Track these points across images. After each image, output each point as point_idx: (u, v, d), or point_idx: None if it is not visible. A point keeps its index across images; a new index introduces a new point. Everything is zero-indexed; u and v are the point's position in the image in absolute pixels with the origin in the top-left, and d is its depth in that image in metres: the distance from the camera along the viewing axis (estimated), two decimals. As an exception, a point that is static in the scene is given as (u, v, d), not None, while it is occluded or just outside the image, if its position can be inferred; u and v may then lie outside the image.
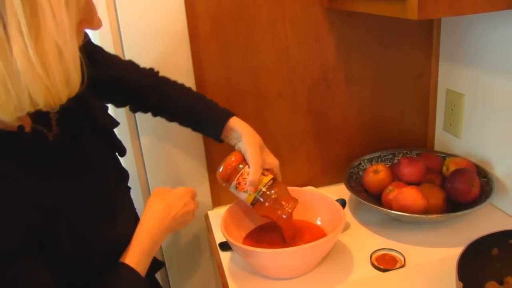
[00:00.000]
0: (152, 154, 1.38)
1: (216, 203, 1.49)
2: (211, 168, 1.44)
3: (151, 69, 1.22)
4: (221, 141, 1.21)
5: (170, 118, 1.24)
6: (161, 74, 1.23)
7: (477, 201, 1.26)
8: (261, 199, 1.14)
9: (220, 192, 1.48)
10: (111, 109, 1.17)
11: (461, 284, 0.83)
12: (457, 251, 0.92)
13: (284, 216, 1.15)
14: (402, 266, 1.15)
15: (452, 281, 0.86)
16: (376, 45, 1.46)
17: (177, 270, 1.54)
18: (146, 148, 1.37)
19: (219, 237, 1.30)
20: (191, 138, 1.39)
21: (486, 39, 1.29)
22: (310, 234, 1.22)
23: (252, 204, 1.15)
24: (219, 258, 1.25)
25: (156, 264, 1.21)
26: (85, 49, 0.74)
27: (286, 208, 1.15)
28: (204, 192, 1.46)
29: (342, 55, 1.44)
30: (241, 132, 1.16)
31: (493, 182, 1.29)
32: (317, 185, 1.50)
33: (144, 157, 1.38)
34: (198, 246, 1.53)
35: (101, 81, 1.09)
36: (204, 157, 1.42)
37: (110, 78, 1.12)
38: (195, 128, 1.24)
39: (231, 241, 1.07)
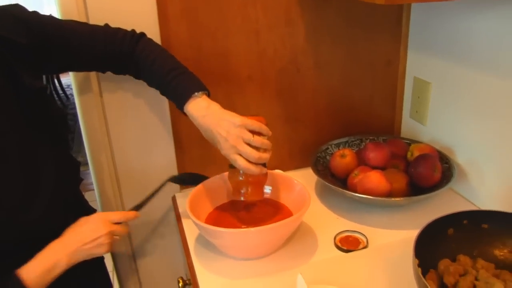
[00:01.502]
0: (119, 137, 1.38)
1: (183, 186, 1.49)
2: (179, 151, 1.45)
3: (128, 34, 1.17)
4: None
5: (148, 85, 1.23)
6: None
7: (438, 185, 1.30)
8: (237, 170, 1.14)
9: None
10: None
11: (416, 261, 0.85)
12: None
13: (235, 198, 1.18)
14: (365, 247, 1.18)
15: (411, 261, 0.89)
16: (346, 31, 1.48)
17: (145, 252, 1.54)
18: (113, 131, 1.36)
19: (186, 219, 1.31)
20: (159, 118, 1.39)
21: (454, 28, 1.32)
22: (280, 215, 1.24)
23: (231, 166, 1.15)
24: (185, 239, 1.26)
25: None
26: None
27: (243, 196, 1.17)
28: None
29: (312, 40, 1.45)
30: (196, 126, 1.15)
31: (454, 168, 1.33)
32: (285, 168, 1.51)
33: (112, 140, 1.37)
34: (166, 228, 1.53)
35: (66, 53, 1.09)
36: (172, 141, 1.42)
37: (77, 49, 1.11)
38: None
39: (196, 221, 1.08)
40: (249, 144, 1.08)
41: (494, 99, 1.20)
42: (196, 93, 1.12)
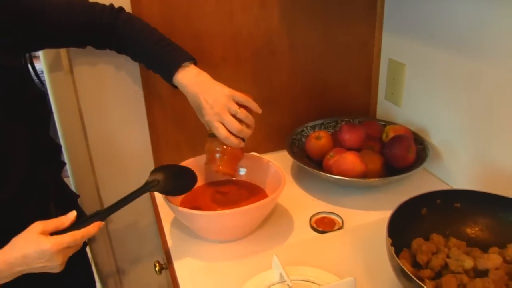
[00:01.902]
0: (93, 121, 1.36)
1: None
2: (154, 133, 1.43)
3: (107, 7, 1.16)
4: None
5: (132, 59, 1.22)
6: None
7: (413, 166, 1.31)
8: (217, 138, 1.13)
9: (163, 157, 1.47)
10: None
11: (390, 240, 0.86)
12: (392, 213, 0.96)
13: (209, 166, 1.16)
14: (340, 228, 1.19)
15: (385, 240, 0.89)
16: (321, 13, 1.47)
17: (121, 237, 1.54)
18: (86, 110, 1.34)
19: (161, 203, 1.30)
20: (133, 101, 1.37)
21: (427, 10, 1.32)
22: (255, 197, 1.23)
23: (210, 134, 1.15)
24: (161, 223, 1.25)
25: None
26: None
27: (217, 166, 1.15)
28: (146, 158, 1.45)
29: (287, 22, 1.44)
30: (185, 94, 1.15)
31: (429, 149, 1.34)
32: (260, 151, 1.51)
33: (86, 125, 1.35)
34: (142, 212, 1.52)
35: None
36: (146, 121, 1.41)
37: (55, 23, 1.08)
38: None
39: (170, 204, 1.07)
40: (233, 116, 1.09)
41: (467, 81, 1.21)
42: (185, 63, 1.13)
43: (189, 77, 1.13)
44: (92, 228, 0.91)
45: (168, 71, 1.14)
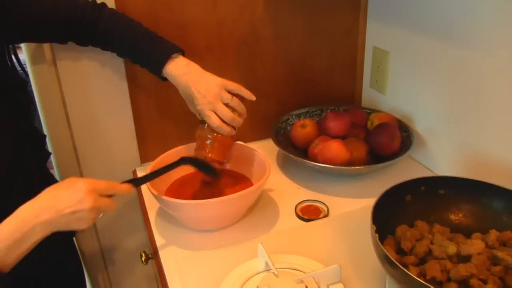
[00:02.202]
0: (77, 111, 1.34)
1: (144, 159, 1.47)
2: (138, 123, 1.42)
3: (90, 3, 1.16)
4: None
5: (118, 54, 1.23)
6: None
7: (398, 154, 1.31)
8: (208, 126, 1.14)
9: (148, 147, 1.46)
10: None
11: (374, 227, 0.86)
12: (377, 200, 0.96)
13: (200, 153, 1.16)
14: (326, 216, 1.19)
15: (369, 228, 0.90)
16: (305, 1, 1.46)
17: (107, 228, 1.53)
18: (71, 106, 1.33)
19: (147, 193, 1.29)
20: (117, 91, 1.36)
21: (410, -3, 1.32)
22: (240, 186, 1.23)
23: (202, 122, 1.16)
24: (146, 213, 1.25)
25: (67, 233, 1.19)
26: None
27: (206, 153, 1.15)
28: (131, 148, 1.44)
29: (271, 9, 1.43)
30: (175, 85, 1.16)
31: (413, 136, 1.35)
32: (246, 140, 1.51)
33: (70, 115, 1.34)
34: (128, 202, 1.52)
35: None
36: (130, 111, 1.39)
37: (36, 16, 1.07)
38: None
39: (155, 193, 1.06)
40: (226, 104, 1.11)
41: (451, 68, 1.22)
42: (174, 54, 1.14)
43: (179, 68, 1.14)
44: (125, 187, 0.94)
45: (157, 64, 1.15)
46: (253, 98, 1.16)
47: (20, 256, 0.80)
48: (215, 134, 1.14)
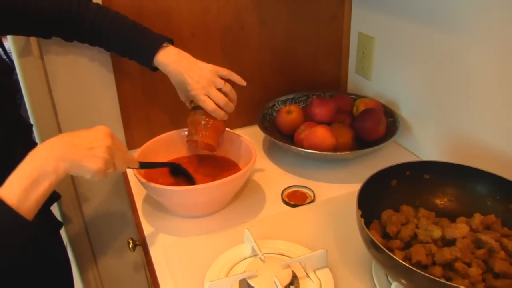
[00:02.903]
0: (63, 100, 1.34)
1: (130, 146, 1.46)
2: (124, 110, 1.42)
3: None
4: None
5: (105, 48, 1.24)
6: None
7: (383, 139, 1.32)
8: (200, 111, 1.16)
9: (134, 134, 1.45)
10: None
11: (359, 212, 0.87)
12: (363, 186, 0.97)
13: (192, 137, 1.17)
14: (312, 201, 1.20)
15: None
16: (290, -14, 1.46)
17: (95, 216, 1.53)
18: (57, 95, 1.32)
19: (134, 180, 1.29)
20: (103, 80, 1.35)
21: (395, -18, 1.32)
22: (229, 172, 1.23)
23: (194, 108, 1.18)
24: (133, 199, 1.24)
25: (54, 225, 1.18)
26: None
27: (199, 137, 1.16)
28: (117, 135, 1.41)
29: (255, -4, 1.42)
30: (167, 74, 1.17)
31: (399, 121, 1.35)
32: (232, 126, 1.50)
33: (56, 104, 1.33)
34: (115, 189, 1.51)
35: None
36: (116, 98, 1.39)
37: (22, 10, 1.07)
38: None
39: (141, 179, 1.06)
40: (219, 90, 1.15)
41: (435, 54, 1.22)
42: (164, 44, 1.16)
43: (170, 56, 1.16)
44: (133, 158, 0.98)
45: (147, 54, 1.16)
46: (244, 83, 1.20)
47: (38, 201, 0.77)
48: (207, 119, 1.16)
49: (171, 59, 1.15)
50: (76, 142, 0.81)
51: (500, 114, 1.07)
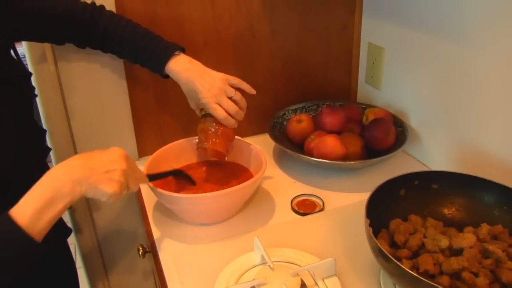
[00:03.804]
0: (76, 107, 1.35)
1: (142, 153, 1.48)
2: (136, 118, 1.43)
3: (89, 4, 1.18)
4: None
5: (117, 55, 1.25)
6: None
7: (392, 148, 1.33)
8: (211, 119, 1.18)
9: (146, 141, 1.47)
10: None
11: (368, 221, 0.88)
12: (372, 194, 0.98)
13: (202, 145, 1.19)
14: (321, 210, 1.21)
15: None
16: (301, -4, 1.48)
17: (105, 222, 1.54)
18: (70, 101, 1.34)
19: (144, 187, 1.30)
20: (116, 88, 1.37)
21: (405, -7, 1.33)
22: (240, 179, 1.25)
23: (204, 116, 1.20)
24: (144, 206, 1.26)
25: (63, 232, 1.19)
26: None
27: (209, 144, 1.17)
28: (129, 143, 1.45)
29: (267, 5, 1.44)
30: (178, 82, 1.19)
31: (408, 131, 1.36)
32: (243, 134, 1.51)
33: (69, 111, 1.35)
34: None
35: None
36: (129, 105, 1.40)
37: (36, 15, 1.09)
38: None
39: (152, 186, 1.07)
40: (230, 99, 1.16)
41: (445, 64, 1.23)
42: (176, 52, 1.18)
43: (182, 64, 1.17)
44: (144, 175, 1.01)
45: (159, 62, 1.18)
46: (253, 92, 1.21)
47: (50, 223, 0.77)
48: (217, 127, 1.18)
49: (182, 67, 1.17)
50: (93, 165, 0.83)
51: (509, 124, 1.07)
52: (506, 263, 0.82)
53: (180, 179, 1.23)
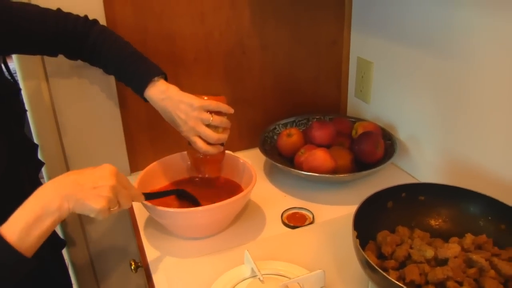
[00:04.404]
0: (67, 122, 1.36)
1: (134, 168, 1.49)
2: (128, 131, 1.45)
3: (81, 18, 1.18)
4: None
5: (104, 71, 1.23)
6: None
7: (381, 161, 1.35)
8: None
9: (138, 157, 1.48)
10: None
11: (355, 233, 0.89)
12: (362, 207, 0.99)
13: (197, 174, 1.21)
14: (311, 223, 1.22)
15: (351, 233, 0.93)
16: (290, 12, 1.50)
17: (97, 238, 1.54)
18: (62, 117, 1.35)
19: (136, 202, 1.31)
20: (107, 103, 1.38)
21: (394, 10, 1.36)
22: (232, 194, 1.25)
23: (189, 143, 1.19)
24: (136, 221, 1.27)
25: (57, 244, 1.20)
26: None
27: (201, 174, 1.21)
28: (121, 158, 1.46)
29: (257, 21, 1.46)
30: (156, 109, 1.18)
31: (396, 144, 1.38)
32: (234, 149, 1.54)
33: (60, 126, 1.36)
34: (118, 212, 1.53)
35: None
36: (120, 120, 1.42)
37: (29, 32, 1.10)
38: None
39: (143, 201, 1.08)
40: (208, 125, 1.13)
41: (432, 78, 1.25)
42: (155, 78, 1.15)
43: (159, 93, 1.15)
44: (138, 193, 1.00)
45: (138, 85, 1.16)
46: (231, 111, 1.18)
47: (39, 238, 0.79)
48: (205, 155, 1.19)
49: (158, 96, 1.14)
50: (82, 182, 0.84)
51: (495, 137, 1.10)
52: (489, 271, 0.84)
53: (183, 199, 1.23)
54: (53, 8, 1.15)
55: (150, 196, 1.08)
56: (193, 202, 1.22)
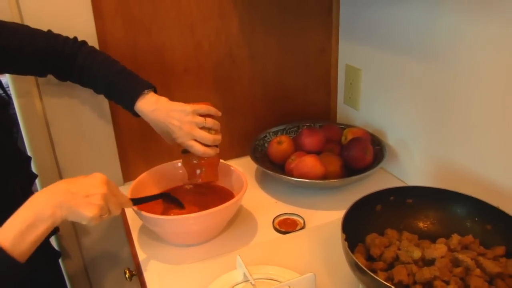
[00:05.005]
0: (60, 134, 1.37)
1: (126, 178, 1.51)
2: (120, 142, 1.46)
3: (70, 39, 1.19)
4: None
5: (94, 91, 1.24)
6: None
7: (370, 167, 1.37)
8: (192, 154, 1.18)
9: (130, 167, 1.50)
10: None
11: (344, 236, 0.91)
12: (352, 212, 1.01)
13: (196, 181, 1.22)
14: (302, 228, 1.23)
15: (340, 236, 0.95)
16: (279, 21, 1.53)
17: (91, 247, 1.55)
18: (55, 128, 1.36)
19: (129, 210, 1.32)
20: (99, 114, 1.39)
21: (380, 18, 1.39)
22: (224, 201, 1.26)
23: (184, 152, 1.21)
24: (129, 229, 1.28)
25: (53, 253, 1.20)
26: None
27: (200, 178, 1.21)
28: (114, 169, 1.47)
29: (246, 31, 1.49)
30: (148, 122, 1.19)
31: (385, 149, 1.40)
32: (225, 157, 1.55)
33: (53, 137, 1.37)
34: (111, 220, 1.54)
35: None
36: (112, 131, 1.43)
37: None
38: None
39: (135, 209, 1.10)
40: (202, 127, 1.14)
41: (419, 83, 1.28)
42: (144, 91, 1.16)
43: (149, 105, 1.16)
44: (127, 199, 1.03)
45: (128, 101, 1.17)
46: (219, 114, 1.20)
47: (33, 244, 0.81)
48: (201, 160, 1.20)
49: (149, 107, 1.15)
50: (74, 190, 0.87)
51: (481, 140, 1.12)
52: (474, 270, 0.85)
53: (168, 202, 1.25)
54: (44, 29, 1.17)
55: (137, 202, 1.11)
56: (178, 204, 1.24)
